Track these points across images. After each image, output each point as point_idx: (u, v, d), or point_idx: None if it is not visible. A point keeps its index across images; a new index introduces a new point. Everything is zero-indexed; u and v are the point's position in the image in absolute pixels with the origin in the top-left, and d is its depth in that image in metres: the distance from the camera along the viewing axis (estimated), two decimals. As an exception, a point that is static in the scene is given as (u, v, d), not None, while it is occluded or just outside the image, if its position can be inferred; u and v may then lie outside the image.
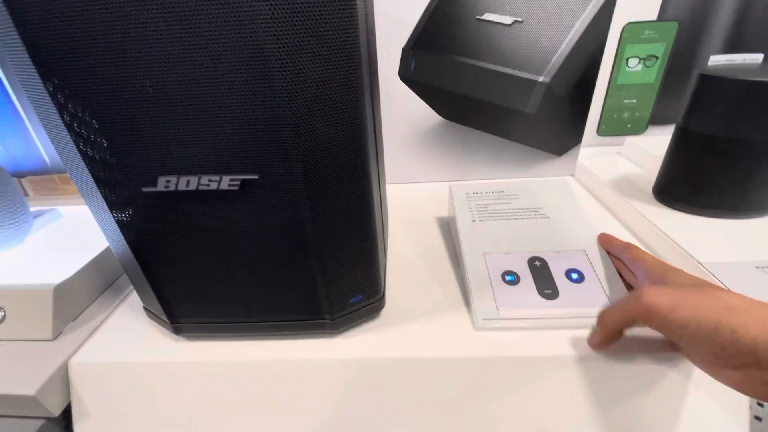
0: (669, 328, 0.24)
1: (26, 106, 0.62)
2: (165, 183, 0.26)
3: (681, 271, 0.29)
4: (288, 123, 0.24)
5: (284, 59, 0.22)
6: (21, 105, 0.62)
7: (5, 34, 0.22)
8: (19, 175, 0.66)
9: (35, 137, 0.64)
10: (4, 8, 0.21)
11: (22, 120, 0.63)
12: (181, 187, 0.26)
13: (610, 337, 0.29)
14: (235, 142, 0.24)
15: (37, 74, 0.23)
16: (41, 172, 0.67)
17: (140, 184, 0.26)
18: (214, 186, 0.26)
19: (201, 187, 0.26)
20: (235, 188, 0.26)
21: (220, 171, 0.25)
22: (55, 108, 0.24)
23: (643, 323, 0.26)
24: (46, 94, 0.23)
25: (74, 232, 0.49)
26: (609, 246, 0.38)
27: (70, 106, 0.23)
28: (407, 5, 0.51)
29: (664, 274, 0.29)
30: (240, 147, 0.25)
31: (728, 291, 0.25)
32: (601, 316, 0.30)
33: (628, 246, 0.35)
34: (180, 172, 0.26)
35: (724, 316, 0.22)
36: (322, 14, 0.21)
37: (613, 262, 0.37)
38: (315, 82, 0.23)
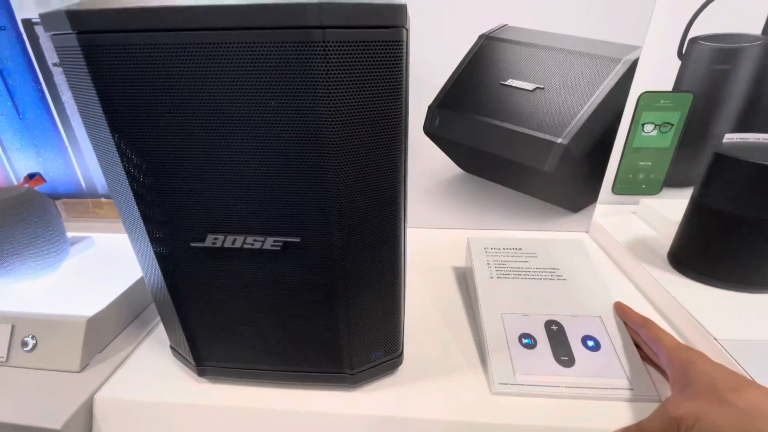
0: None
1: (69, 135, 0.66)
2: (213, 240, 0.28)
3: (702, 357, 0.29)
4: (334, 196, 0.26)
5: (337, 144, 0.24)
6: (65, 133, 0.66)
7: (91, 110, 0.25)
8: (55, 197, 0.70)
9: (75, 163, 0.68)
10: (91, 82, 0.24)
11: (65, 147, 0.67)
12: (227, 244, 0.28)
13: None
14: (282, 210, 0.26)
15: (112, 141, 0.25)
16: (76, 195, 0.70)
17: (190, 239, 0.28)
18: (258, 246, 0.28)
19: (246, 246, 0.28)
20: (277, 248, 0.28)
21: (265, 232, 0.27)
22: (122, 169, 0.26)
23: None
24: (118, 158, 0.26)
25: (106, 261, 0.51)
26: (625, 318, 0.38)
27: (136, 169, 0.26)
28: (434, 69, 0.55)
29: (686, 364, 0.29)
30: (286, 214, 0.27)
31: (752, 391, 0.25)
32: (641, 428, 0.28)
33: (646, 322, 0.36)
34: (228, 231, 0.28)
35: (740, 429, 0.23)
36: (372, 110, 0.24)
37: (629, 333, 0.38)
38: (362, 164, 0.25)
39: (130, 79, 0.23)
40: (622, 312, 0.39)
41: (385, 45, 0.23)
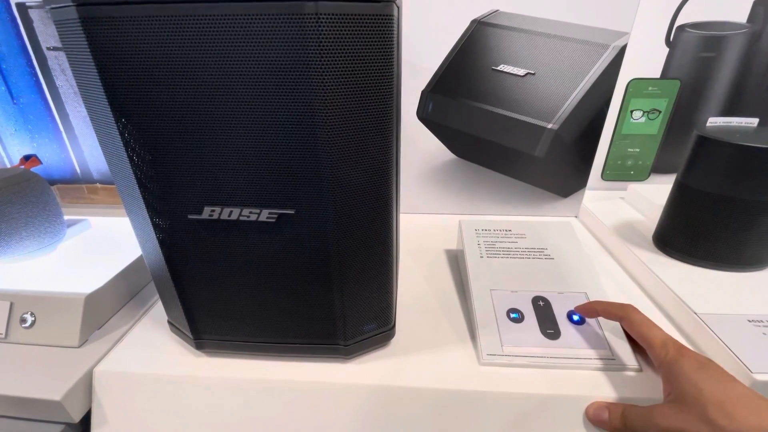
0: None
1: (64, 119, 0.66)
2: (210, 212, 0.29)
3: (689, 358, 0.29)
4: (326, 169, 0.27)
5: (329, 117, 0.25)
6: (60, 118, 0.66)
7: (90, 83, 0.26)
8: (51, 182, 0.70)
9: (69, 149, 0.68)
10: (89, 55, 0.25)
11: (60, 132, 0.67)
12: (224, 216, 0.29)
13: None
14: (277, 182, 0.27)
15: (111, 115, 0.26)
16: (71, 180, 0.70)
17: (187, 211, 0.29)
18: (253, 217, 0.29)
19: (242, 218, 0.29)
20: (272, 221, 0.29)
21: (261, 205, 0.28)
22: (121, 143, 0.27)
23: None
24: (117, 131, 0.26)
25: (102, 242, 0.52)
26: (604, 315, 0.37)
27: (135, 143, 0.27)
28: (426, 54, 0.56)
29: (674, 368, 0.29)
30: (281, 186, 0.27)
31: (738, 410, 0.25)
32: (625, 415, 0.30)
33: (626, 313, 0.35)
34: (224, 203, 0.28)
35: None
36: (363, 83, 0.25)
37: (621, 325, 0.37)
38: (354, 137, 0.26)
39: (127, 52, 0.24)
40: (593, 312, 0.37)
41: (376, 18, 0.23)
